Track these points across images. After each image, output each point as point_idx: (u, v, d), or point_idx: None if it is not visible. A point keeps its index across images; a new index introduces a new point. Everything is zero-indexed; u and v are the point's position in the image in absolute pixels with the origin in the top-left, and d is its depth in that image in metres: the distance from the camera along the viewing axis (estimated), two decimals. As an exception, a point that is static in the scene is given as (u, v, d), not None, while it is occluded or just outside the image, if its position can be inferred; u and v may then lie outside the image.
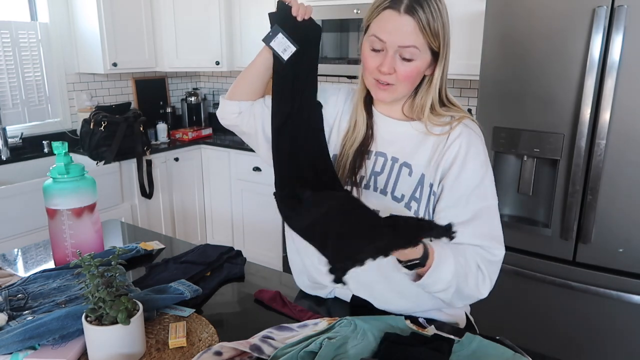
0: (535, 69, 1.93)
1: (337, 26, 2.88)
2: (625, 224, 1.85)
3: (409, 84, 1.01)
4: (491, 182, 1.04)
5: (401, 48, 0.96)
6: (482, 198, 1.01)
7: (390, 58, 0.97)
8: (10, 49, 2.91)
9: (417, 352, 0.87)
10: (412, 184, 1.04)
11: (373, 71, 1.01)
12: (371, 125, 1.10)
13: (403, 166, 1.05)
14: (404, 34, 0.95)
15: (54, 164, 1.26)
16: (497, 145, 2.06)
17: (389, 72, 0.98)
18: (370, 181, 1.07)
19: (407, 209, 1.03)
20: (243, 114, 1.16)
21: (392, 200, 1.04)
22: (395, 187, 1.04)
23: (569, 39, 1.85)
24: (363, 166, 1.08)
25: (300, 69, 1.09)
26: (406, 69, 0.98)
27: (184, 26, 3.37)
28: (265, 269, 1.37)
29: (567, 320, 2.02)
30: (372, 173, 1.07)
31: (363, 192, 1.07)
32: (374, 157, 1.08)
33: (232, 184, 3.40)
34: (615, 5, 1.74)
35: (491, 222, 1.02)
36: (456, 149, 1.02)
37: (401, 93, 1.04)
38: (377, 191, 1.06)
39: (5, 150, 2.82)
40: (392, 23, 0.95)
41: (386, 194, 1.05)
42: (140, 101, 3.64)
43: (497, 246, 1.01)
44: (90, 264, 0.91)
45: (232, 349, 0.89)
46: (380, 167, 1.07)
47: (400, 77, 0.99)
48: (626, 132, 1.80)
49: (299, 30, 1.07)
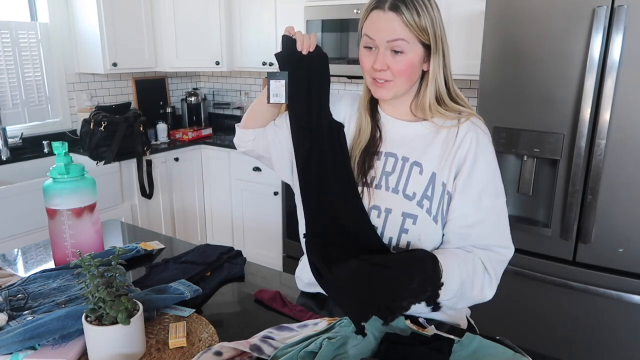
0: (535, 69, 1.93)
1: (337, 26, 2.88)
2: (625, 224, 1.85)
3: (404, 77, 1.04)
4: (499, 179, 1.07)
5: (390, 42, 1.01)
6: (494, 196, 1.04)
7: (382, 55, 1.02)
8: (10, 49, 2.91)
9: (417, 352, 0.87)
10: (424, 183, 1.05)
11: (369, 70, 1.05)
12: (379, 127, 1.12)
13: (414, 165, 1.07)
14: (389, 29, 1.00)
15: (54, 164, 1.26)
16: (497, 145, 2.05)
17: (382, 67, 1.02)
18: (382, 181, 1.09)
19: (420, 207, 1.04)
20: (257, 139, 1.21)
21: (404, 198, 1.05)
22: (407, 185, 1.06)
23: (569, 39, 1.85)
24: (373, 167, 1.10)
25: (312, 100, 1.11)
26: (398, 63, 1.01)
27: (184, 26, 3.38)
28: (265, 269, 1.37)
29: (567, 320, 2.02)
30: (383, 173, 1.09)
31: (375, 192, 1.08)
32: (384, 157, 1.10)
33: (232, 184, 3.40)
34: (615, 5, 1.74)
35: (501, 221, 1.05)
36: (466, 147, 1.04)
37: (400, 88, 1.05)
38: (388, 190, 1.07)
39: (5, 150, 2.82)
40: (379, 21, 1.01)
41: (397, 192, 1.06)
42: (140, 101, 3.64)
43: (505, 245, 1.05)
44: (90, 264, 0.91)
45: (232, 349, 0.89)
46: (391, 167, 1.09)
47: (395, 71, 1.02)
48: (626, 132, 1.80)
49: (306, 63, 1.10)
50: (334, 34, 2.90)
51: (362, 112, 1.13)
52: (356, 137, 1.12)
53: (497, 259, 1.03)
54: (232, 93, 4.03)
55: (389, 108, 1.13)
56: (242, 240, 3.47)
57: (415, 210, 1.04)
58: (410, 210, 1.04)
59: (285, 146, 1.17)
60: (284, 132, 1.16)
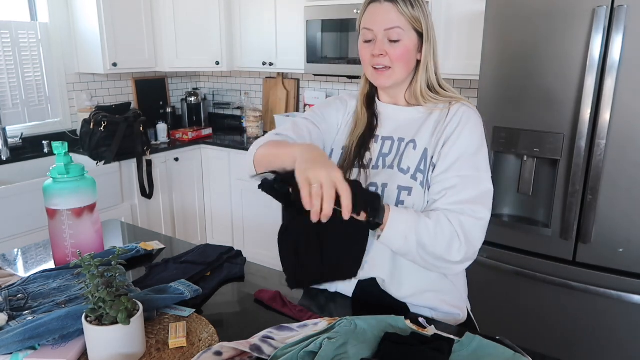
0: (535, 69, 1.93)
1: (337, 26, 2.88)
2: (625, 224, 1.85)
3: (402, 63, 1.11)
4: (485, 159, 1.09)
5: (387, 31, 1.08)
6: (474, 168, 1.06)
7: (380, 42, 1.09)
8: (10, 49, 2.91)
9: (417, 352, 0.87)
10: (417, 158, 1.10)
11: (369, 60, 1.12)
12: (376, 116, 1.20)
13: (409, 143, 1.13)
14: (387, 18, 1.08)
15: (54, 164, 1.26)
16: (497, 145, 2.06)
17: (381, 53, 1.09)
18: (379, 162, 1.15)
19: (414, 180, 1.09)
20: None
21: (399, 172, 1.10)
22: (402, 161, 1.11)
23: (569, 39, 1.85)
24: (369, 150, 1.16)
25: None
26: (396, 50, 1.09)
27: (184, 26, 3.38)
28: (265, 269, 1.37)
29: (567, 320, 2.02)
30: (380, 155, 1.15)
31: (371, 172, 1.14)
32: (380, 141, 1.17)
33: (232, 184, 3.40)
34: (615, 5, 1.74)
35: (480, 190, 1.05)
36: (456, 123, 1.09)
37: (399, 75, 1.12)
38: (385, 167, 1.13)
39: (5, 150, 2.82)
40: (377, 12, 1.09)
41: (393, 168, 1.12)
42: (140, 101, 3.64)
43: (480, 209, 1.04)
44: (90, 264, 0.91)
45: (232, 349, 0.89)
46: (388, 149, 1.15)
47: (393, 57, 1.09)
48: (626, 132, 1.80)
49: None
50: (334, 34, 2.90)
51: (359, 105, 1.21)
52: (353, 128, 1.20)
53: (471, 222, 1.02)
54: (232, 93, 4.03)
55: (385, 98, 1.21)
56: (242, 240, 3.47)
57: (409, 183, 1.08)
58: (405, 184, 1.09)
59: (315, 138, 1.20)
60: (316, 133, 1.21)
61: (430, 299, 1.13)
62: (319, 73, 3.04)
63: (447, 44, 2.55)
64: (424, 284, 1.13)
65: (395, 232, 1.00)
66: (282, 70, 3.37)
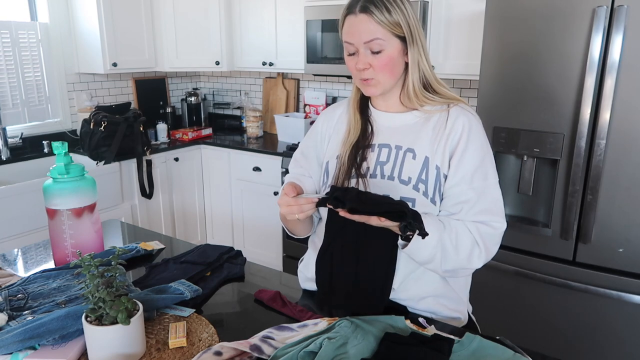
0: (535, 69, 1.93)
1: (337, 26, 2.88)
2: (625, 224, 1.85)
3: (387, 72, 1.08)
4: (491, 161, 1.11)
5: (367, 44, 1.06)
6: (483, 177, 1.08)
7: (362, 55, 1.07)
8: (10, 49, 2.91)
9: (417, 352, 0.87)
10: (418, 167, 1.09)
11: (355, 72, 1.11)
12: (370, 123, 1.17)
13: (407, 152, 1.11)
14: (364, 30, 1.05)
15: (54, 164, 1.26)
16: (497, 145, 2.06)
17: (365, 66, 1.07)
18: (377, 170, 1.12)
19: (416, 191, 1.08)
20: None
21: (400, 183, 1.09)
22: (402, 171, 1.10)
23: (569, 39, 1.85)
24: (366, 159, 1.13)
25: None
26: (379, 61, 1.06)
27: (184, 26, 3.38)
28: (265, 269, 1.37)
29: (567, 320, 2.02)
30: (377, 163, 1.13)
31: (370, 182, 1.12)
32: (377, 149, 1.14)
33: (232, 183, 3.40)
34: (615, 5, 1.74)
35: (492, 199, 1.09)
36: (459, 131, 1.08)
37: (386, 83, 1.10)
38: (384, 178, 1.11)
39: (5, 150, 2.82)
40: (353, 25, 1.07)
41: (393, 179, 1.10)
42: (140, 101, 3.64)
43: (497, 219, 1.08)
44: (90, 264, 0.91)
45: (232, 349, 0.89)
46: (385, 157, 1.12)
47: (377, 68, 1.07)
48: (626, 132, 1.80)
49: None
50: (334, 33, 2.90)
51: (352, 111, 1.19)
52: (346, 135, 1.17)
53: (488, 232, 1.06)
54: (232, 93, 4.03)
55: (380, 103, 1.18)
56: (242, 240, 3.47)
57: (412, 194, 1.08)
58: (407, 195, 1.08)
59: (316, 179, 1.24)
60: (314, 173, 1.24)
61: (430, 303, 1.13)
62: (319, 73, 3.04)
63: (447, 44, 2.55)
64: (425, 290, 1.13)
65: (425, 242, 1.00)
66: (282, 70, 3.37)
